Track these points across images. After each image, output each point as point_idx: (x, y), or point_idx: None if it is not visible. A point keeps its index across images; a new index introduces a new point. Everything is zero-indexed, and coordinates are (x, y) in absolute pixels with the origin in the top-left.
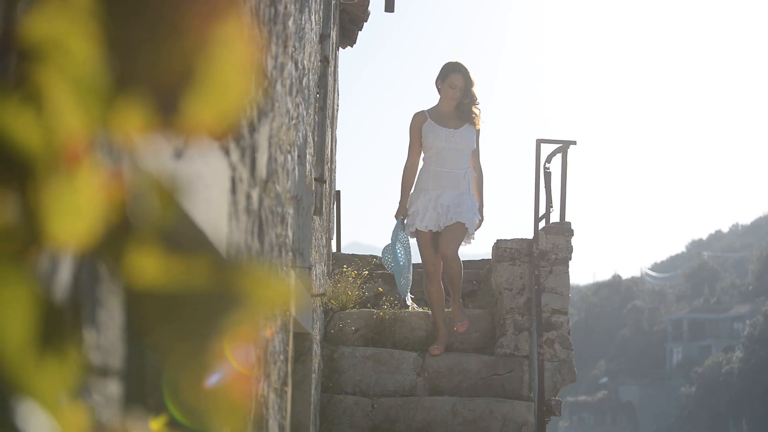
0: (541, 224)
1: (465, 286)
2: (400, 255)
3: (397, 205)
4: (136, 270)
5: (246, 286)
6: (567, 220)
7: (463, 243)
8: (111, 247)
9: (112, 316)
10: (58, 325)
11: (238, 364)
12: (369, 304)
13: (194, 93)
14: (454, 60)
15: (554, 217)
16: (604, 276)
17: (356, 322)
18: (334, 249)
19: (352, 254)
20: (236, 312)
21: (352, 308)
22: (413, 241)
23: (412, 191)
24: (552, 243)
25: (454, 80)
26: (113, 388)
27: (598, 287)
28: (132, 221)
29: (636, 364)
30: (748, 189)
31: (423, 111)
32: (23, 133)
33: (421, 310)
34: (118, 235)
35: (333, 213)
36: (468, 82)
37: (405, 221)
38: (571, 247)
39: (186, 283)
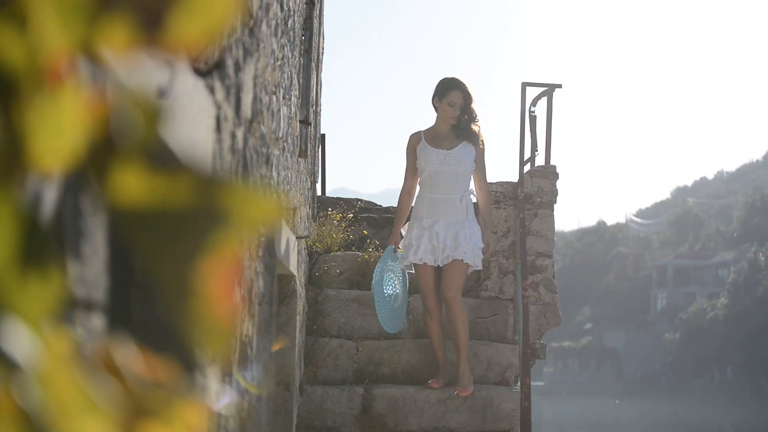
0: (526, 167)
1: None
2: (390, 288)
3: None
4: (120, 188)
5: (232, 203)
6: (552, 163)
7: (469, 272)
8: (95, 165)
9: (96, 249)
10: (42, 247)
11: (223, 284)
12: (354, 247)
13: (179, 9)
14: (450, 76)
15: (539, 161)
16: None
17: (341, 265)
18: (318, 192)
19: (337, 198)
20: (222, 230)
21: (336, 251)
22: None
23: (409, 220)
24: (537, 186)
25: (453, 97)
26: (97, 321)
27: (582, 233)
28: (115, 139)
29: (620, 311)
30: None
31: (419, 131)
32: (5, 52)
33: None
34: (102, 153)
35: (318, 156)
36: (467, 98)
37: (397, 251)
38: (556, 190)
39: (170, 200)
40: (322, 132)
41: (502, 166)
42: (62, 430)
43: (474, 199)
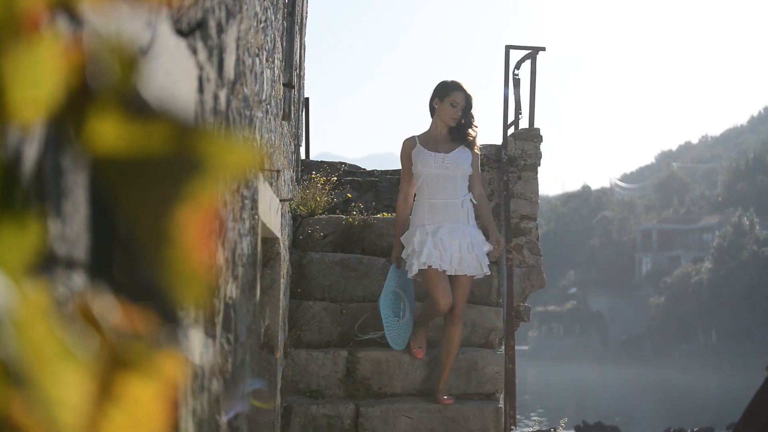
0: (510, 130)
1: None
2: (398, 306)
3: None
4: (98, 137)
5: (211, 152)
6: (536, 126)
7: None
8: (73, 114)
9: (77, 206)
10: (20, 198)
11: (200, 232)
12: (338, 210)
13: None
14: (449, 79)
15: (523, 124)
16: (574, 186)
17: (325, 228)
18: (302, 156)
19: (321, 161)
20: (200, 178)
21: (320, 214)
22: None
23: (409, 229)
24: (521, 149)
25: (456, 98)
26: (78, 280)
27: (567, 198)
28: (93, 88)
29: (605, 275)
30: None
31: (413, 137)
32: None
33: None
34: (80, 102)
35: (301, 120)
36: (468, 101)
37: (401, 266)
38: (540, 153)
39: (148, 149)
40: (305, 96)
41: (486, 129)
42: (39, 378)
43: (474, 203)
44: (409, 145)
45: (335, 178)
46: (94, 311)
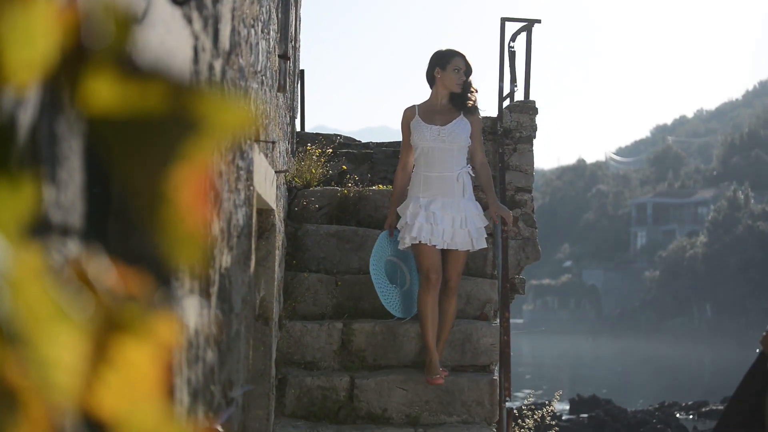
0: (506, 103)
1: None
2: (394, 273)
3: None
4: (93, 97)
5: (206, 110)
6: (531, 99)
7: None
8: (67, 74)
9: (72, 174)
10: (14, 158)
11: (196, 193)
12: (333, 182)
13: None
14: (443, 48)
15: (518, 96)
16: (569, 160)
17: (320, 199)
18: (298, 128)
19: (316, 133)
20: (195, 138)
21: (316, 186)
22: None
23: (405, 200)
24: (516, 121)
25: (458, 64)
26: (73, 247)
27: (562, 171)
28: (88, 47)
29: (600, 248)
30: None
31: (413, 106)
32: None
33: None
34: (75, 61)
35: (297, 92)
36: (469, 66)
37: (395, 233)
38: (536, 125)
39: (145, 108)
40: (301, 68)
41: (482, 102)
42: (34, 339)
43: (472, 175)
44: (408, 115)
45: (330, 151)
46: (89, 274)
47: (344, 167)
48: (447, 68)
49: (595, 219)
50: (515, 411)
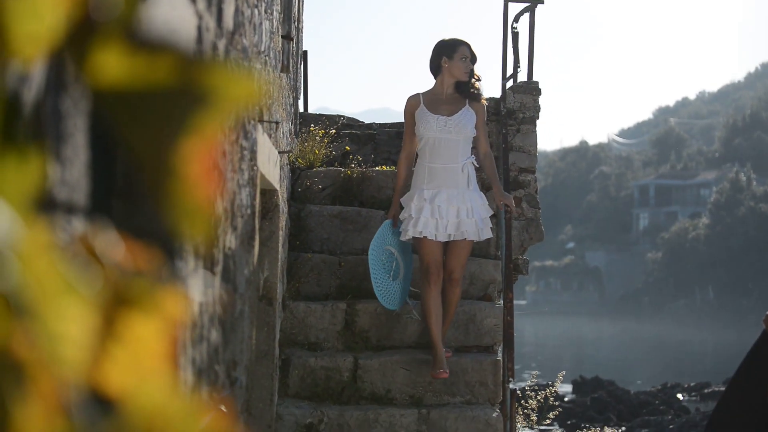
0: (509, 83)
1: None
2: (389, 264)
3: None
4: (101, 69)
5: (214, 83)
6: (534, 80)
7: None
8: (75, 46)
9: (77, 151)
10: (22, 131)
11: (204, 166)
12: (336, 163)
13: None
14: (446, 37)
15: (522, 77)
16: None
17: (323, 180)
18: (301, 109)
19: (319, 114)
20: (202, 110)
21: (319, 167)
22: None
23: (409, 191)
24: (519, 102)
25: (464, 52)
26: (78, 225)
27: (565, 153)
28: (95, 19)
29: (603, 230)
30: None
31: (417, 94)
32: None
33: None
34: (82, 33)
35: (300, 72)
36: (474, 55)
37: (397, 224)
38: (539, 106)
39: (152, 81)
40: (304, 49)
41: (485, 83)
42: (41, 312)
43: (476, 165)
44: (413, 104)
45: (334, 131)
46: (97, 248)
47: (347, 148)
48: (454, 57)
49: (597, 201)
50: (519, 392)
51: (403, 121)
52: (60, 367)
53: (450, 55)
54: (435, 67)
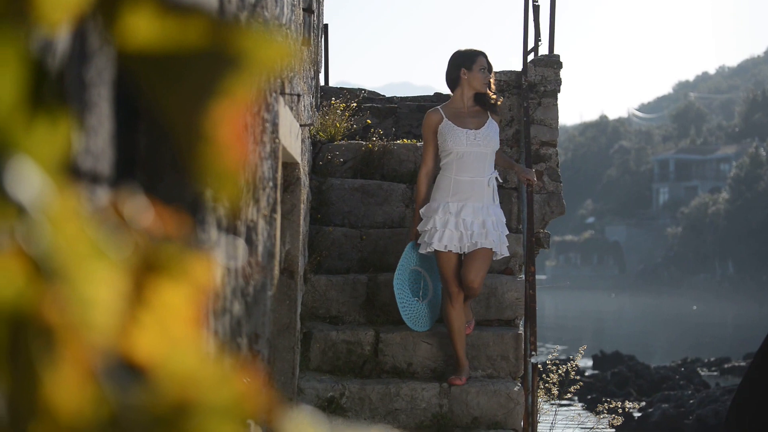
0: (530, 57)
1: None
2: (416, 284)
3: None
4: (130, 32)
5: (244, 46)
6: (555, 53)
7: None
8: (104, 9)
9: (101, 121)
10: (51, 94)
11: (232, 128)
12: (357, 137)
13: None
14: (462, 48)
15: (543, 50)
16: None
17: (345, 153)
18: (322, 83)
19: (340, 87)
20: (233, 73)
21: (340, 140)
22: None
23: (429, 202)
24: (541, 75)
25: (482, 63)
26: (103, 195)
27: (584, 127)
28: None
29: (622, 205)
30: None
31: (437, 109)
32: None
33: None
34: None
35: (321, 46)
36: (490, 65)
37: (418, 240)
38: (560, 79)
39: (183, 43)
40: (324, 22)
41: (506, 56)
42: (70, 276)
43: (500, 181)
44: (435, 120)
45: (355, 105)
46: (125, 213)
47: (368, 121)
48: (473, 68)
49: (617, 175)
50: (540, 366)
51: (424, 94)
52: (90, 332)
53: (469, 67)
54: (453, 79)
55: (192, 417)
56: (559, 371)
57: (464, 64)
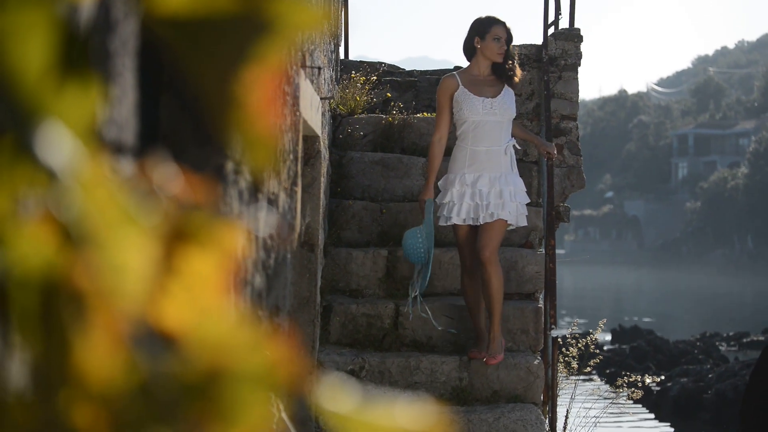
0: (550, 30)
1: None
2: (423, 244)
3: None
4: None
5: (276, 10)
6: (576, 26)
7: (510, 229)
8: None
9: (125, 91)
10: (80, 57)
11: (266, 96)
12: (377, 110)
13: None
14: (482, 15)
15: (563, 24)
16: (610, 91)
17: (365, 127)
18: (342, 56)
19: (360, 61)
20: (267, 38)
21: (360, 114)
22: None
23: (446, 174)
24: (561, 48)
25: (498, 32)
26: (127, 165)
27: (604, 102)
28: None
29: (641, 179)
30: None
31: (453, 74)
32: None
33: (427, 315)
34: None
35: (341, 19)
36: (509, 35)
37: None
38: (580, 53)
39: (213, 8)
40: None
41: (527, 29)
42: (100, 242)
43: (518, 148)
44: (451, 85)
45: (375, 78)
46: (155, 180)
47: (388, 95)
48: (486, 37)
49: (636, 150)
50: (560, 340)
51: (443, 68)
52: (120, 299)
53: (482, 35)
54: (468, 48)
55: (223, 385)
56: (579, 345)
57: (478, 32)
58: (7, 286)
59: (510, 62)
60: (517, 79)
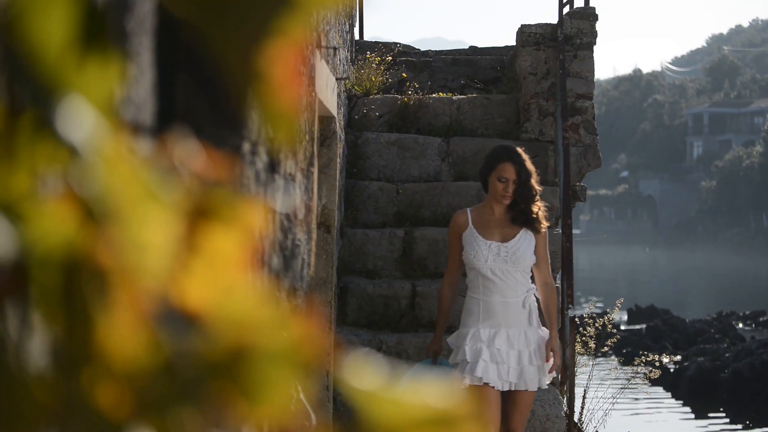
0: (566, 9)
1: (488, 72)
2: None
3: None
4: None
5: None
6: (591, 5)
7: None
8: None
9: (143, 70)
10: (101, 31)
11: (290, 69)
12: (393, 90)
13: None
14: (503, 144)
15: (578, 2)
16: (625, 70)
17: (380, 108)
18: (357, 37)
19: (375, 41)
20: (287, 13)
21: (375, 94)
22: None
23: (459, 329)
24: (576, 27)
25: (504, 172)
26: (144, 146)
27: (618, 81)
28: None
29: (656, 159)
30: None
31: (465, 211)
32: None
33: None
34: None
35: None
36: (523, 173)
37: (437, 361)
38: (596, 32)
39: None
40: None
41: (542, 8)
42: (122, 219)
43: (538, 297)
44: (459, 223)
45: (390, 59)
46: (177, 157)
47: (404, 75)
48: (491, 176)
49: (651, 129)
50: (576, 319)
51: (459, 48)
52: (143, 276)
53: (488, 171)
54: (482, 180)
55: (247, 363)
56: (596, 324)
57: (485, 165)
58: (28, 264)
59: (528, 203)
60: (543, 230)
